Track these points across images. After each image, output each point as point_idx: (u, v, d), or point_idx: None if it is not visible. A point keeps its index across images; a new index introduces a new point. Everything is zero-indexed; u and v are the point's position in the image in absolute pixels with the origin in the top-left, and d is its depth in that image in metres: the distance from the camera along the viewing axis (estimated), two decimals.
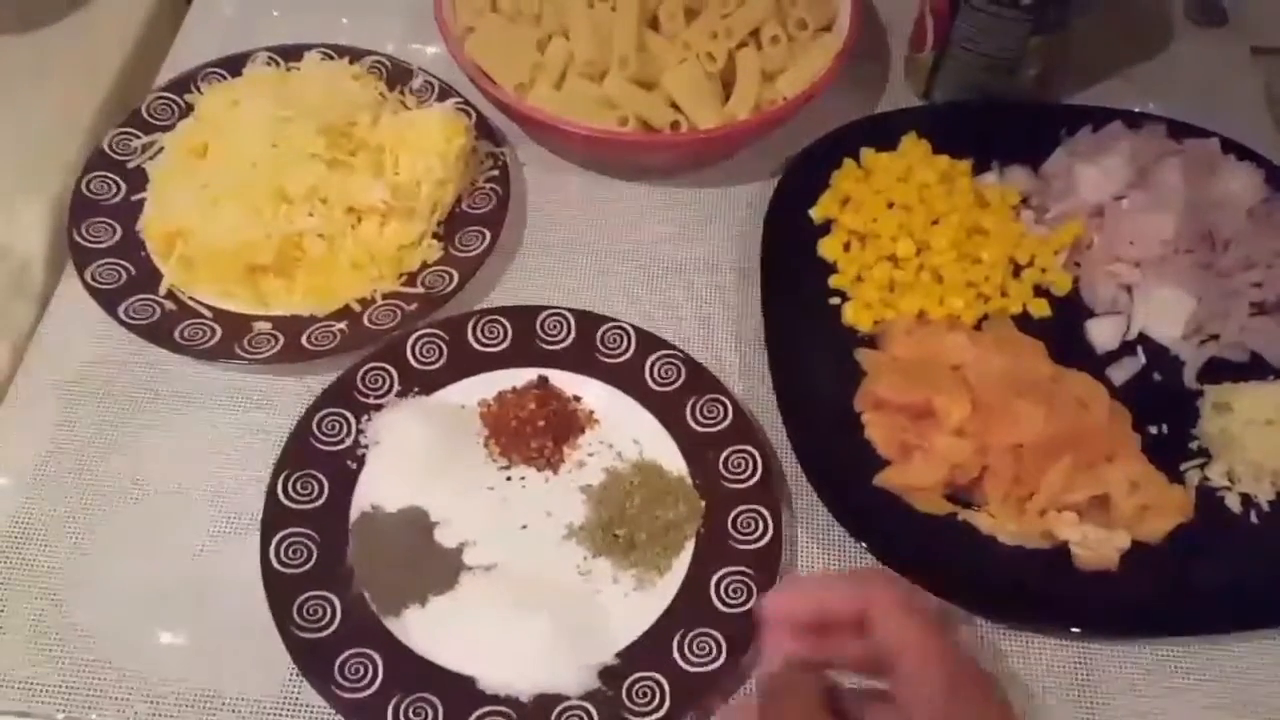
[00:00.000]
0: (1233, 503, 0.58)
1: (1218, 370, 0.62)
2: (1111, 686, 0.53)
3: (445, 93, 0.70)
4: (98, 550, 0.55)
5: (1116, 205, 0.66)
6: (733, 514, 0.55)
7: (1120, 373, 0.62)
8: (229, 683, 0.51)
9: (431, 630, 0.52)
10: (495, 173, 0.67)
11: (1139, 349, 0.63)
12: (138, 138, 0.67)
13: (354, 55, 0.71)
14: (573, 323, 0.61)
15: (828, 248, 0.66)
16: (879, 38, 0.79)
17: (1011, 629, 0.54)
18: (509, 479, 0.57)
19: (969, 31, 0.69)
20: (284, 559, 0.53)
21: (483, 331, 0.61)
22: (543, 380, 0.60)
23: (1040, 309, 0.64)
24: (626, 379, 0.60)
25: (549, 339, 0.61)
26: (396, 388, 0.59)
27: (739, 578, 0.53)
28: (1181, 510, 0.57)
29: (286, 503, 0.55)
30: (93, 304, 0.60)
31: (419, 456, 0.57)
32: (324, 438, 0.57)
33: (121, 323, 0.60)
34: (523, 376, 0.60)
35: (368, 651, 0.51)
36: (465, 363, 0.60)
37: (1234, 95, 0.76)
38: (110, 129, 0.67)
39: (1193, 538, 0.56)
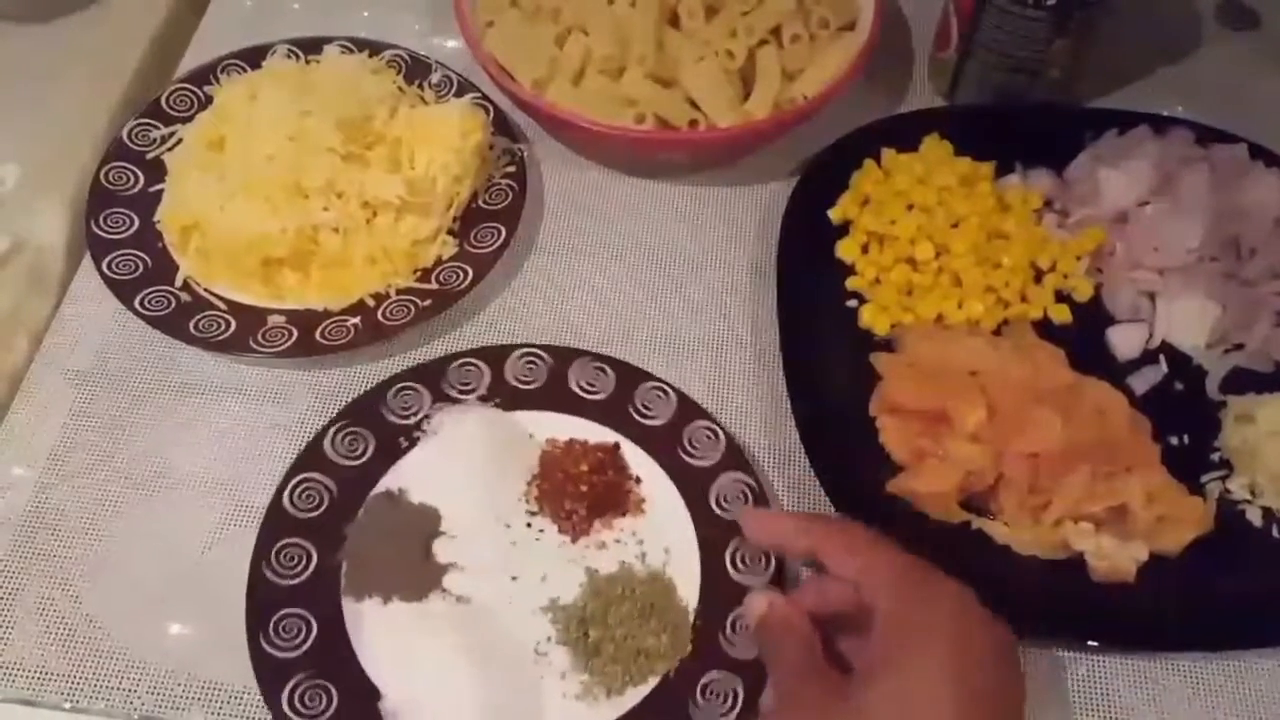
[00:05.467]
0: (1254, 516, 0.57)
1: (1241, 381, 0.61)
2: (1127, 701, 0.52)
3: (463, 88, 0.70)
4: (110, 540, 0.55)
5: (1141, 211, 0.65)
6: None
7: (1141, 382, 0.61)
8: (237, 675, 0.51)
9: (377, 628, 0.51)
10: (512, 169, 0.67)
11: (1161, 358, 0.62)
12: (157, 129, 0.67)
13: (373, 49, 0.71)
14: (674, 403, 0.58)
15: (846, 249, 0.65)
16: (902, 37, 0.78)
17: (1025, 641, 0.54)
18: (529, 525, 0.55)
19: (993, 32, 0.68)
20: (295, 501, 0.54)
21: (586, 376, 0.59)
22: (614, 447, 0.57)
23: (1061, 315, 0.63)
24: (695, 488, 0.55)
25: (644, 413, 0.57)
26: (482, 391, 0.58)
27: None
28: (1201, 523, 0.56)
29: (327, 450, 0.55)
30: (109, 295, 0.60)
31: (463, 465, 0.56)
32: (393, 407, 0.57)
33: (138, 314, 0.60)
34: (602, 435, 0.57)
35: (308, 618, 0.51)
36: (556, 397, 0.58)
37: (1263, 100, 0.75)
38: (130, 120, 0.68)
39: (1212, 551, 0.55)
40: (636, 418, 0.57)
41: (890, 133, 0.69)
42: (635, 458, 0.57)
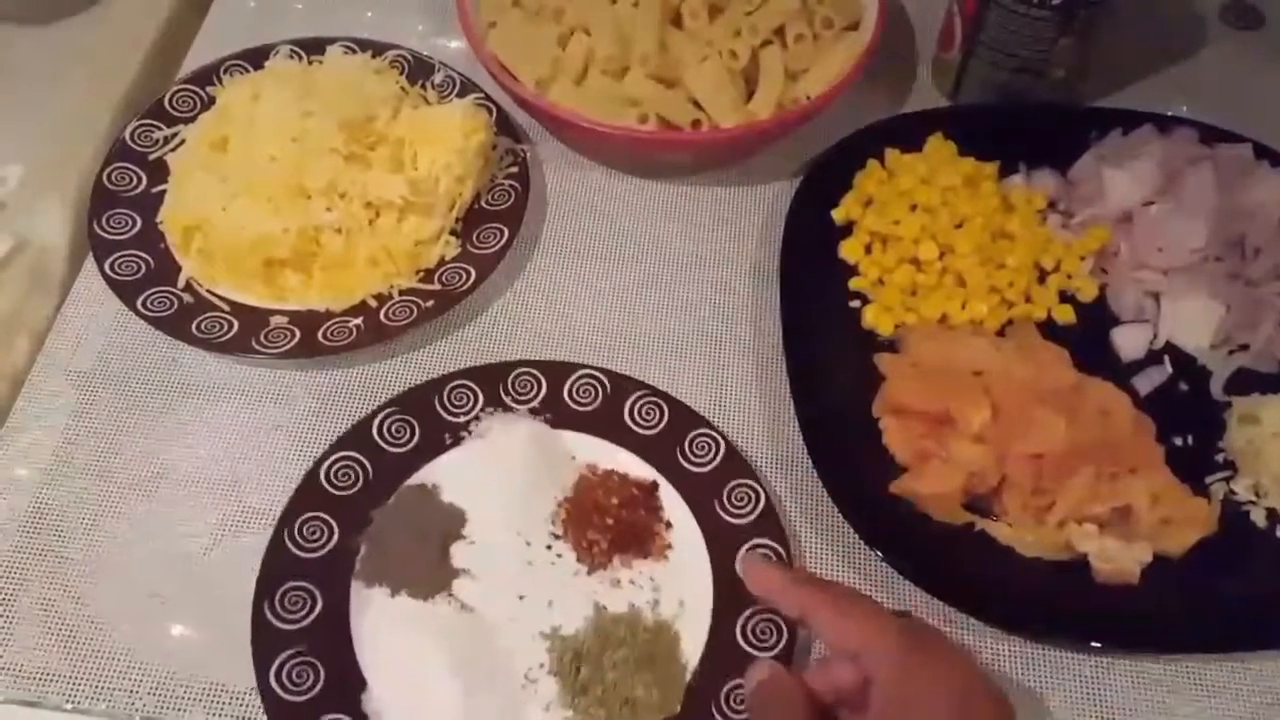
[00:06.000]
0: (1258, 517, 0.57)
1: (1246, 381, 0.61)
2: (1130, 703, 0.52)
3: (466, 88, 0.70)
4: (111, 541, 0.55)
5: (1145, 211, 0.65)
6: None
7: (1145, 382, 0.61)
8: (239, 676, 0.50)
9: (379, 619, 0.51)
10: (514, 169, 0.67)
11: (1165, 358, 0.62)
12: (159, 129, 0.67)
13: (376, 49, 0.71)
14: (721, 452, 0.56)
15: (849, 249, 0.65)
16: (905, 37, 0.78)
17: (1028, 642, 0.53)
18: (549, 547, 0.54)
19: (997, 32, 0.68)
20: (332, 476, 0.54)
21: (641, 410, 0.57)
22: (652, 486, 0.56)
23: (1065, 315, 0.63)
24: (724, 546, 0.53)
25: (691, 458, 0.56)
26: (535, 403, 0.58)
27: None
28: (1205, 524, 0.55)
29: (374, 433, 0.56)
30: (111, 296, 0.60)
31: (499, 474, 0.56)
32: (447, 403, 0.57)
33: (140, 315, 0.60)
34: (643, 471, 0.56)
35: (315, 595, 0.51)
36: (607, 424, 0.57)
37: (1268, 100, 0.74)
38: (132, 120, 0.68)
39: (1216, 552, 0.55)
40: (682, 461, 0.56)
41: (894, 133, 0.69)
42: (671, 501, 0.55)
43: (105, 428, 0.58)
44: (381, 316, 0.61)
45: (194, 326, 0.60)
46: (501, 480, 0.55)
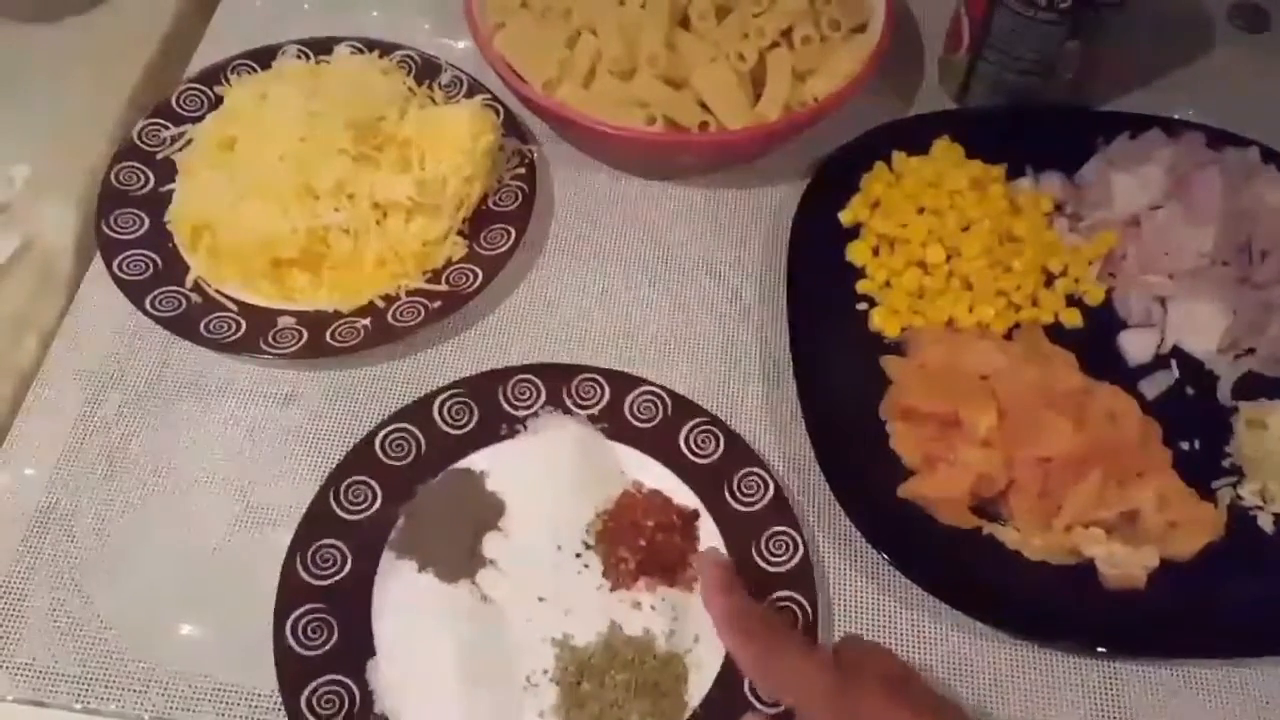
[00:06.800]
0: (1265, 522, 0.57)
1: (1253, 386, 0.61)
2: (1137, 707, 0.52)
3: (474, 88, 0.70)
4: (120, 541, 0.55)
5: (1152, 215, 0.65)
6: None
7: (1152, 386, 0.61)
8: (248, 676, 0.51)
9: (402, 592, 0.52)
10: (522, 170, 0.67)
11: (1172, 363, 0.62)
12: (167, 129, 0.67)
13: (384, 49, 0.71)
14: (770, 495, 0.55)
15: (856, 252, 0.65)
16: (913, 39, 0.78)
17: (1034, 646, 0.54)
18: (578, 555, 0.54)
19: (1005, 34, 0.68)
20: (385, 446, 0.55)
21: (698, 438, 0.56)
22: (692, 515, 0.55)
23: (1072, 319, 0.63)
24: (753, 590, 0.50)
25: (739, 496, 0.55)
26: (594, 411, 0.58)
27: None
28: (1212, 529, 0.56)
29: (434, 412, 0.57)
30: (119, 295, 0.60)
31: (545, 474, 0.56)
32: (510, 395, 0.58)
33: (148, 314, 0.60)
34: (686, 499, 0.55)
35: (347, 556, 0.52)
36: (662, 444, 0.56)
37: (1275, 103, 0.74)
38: (140, 120, 0.68)
39: (1223, 557, 0.55)
40: (728, 496, 0.55)
41: (901, 135, 0.69)
42: (709, 533, 0.54)
43: (113, 427, 0.58)
44: (389, 317, 0.61)
45: (202, 326, 0.60)
46: (546, 480, 0.56)
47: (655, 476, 0.56)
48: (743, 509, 0.55)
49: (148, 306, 0.60)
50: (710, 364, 0.62)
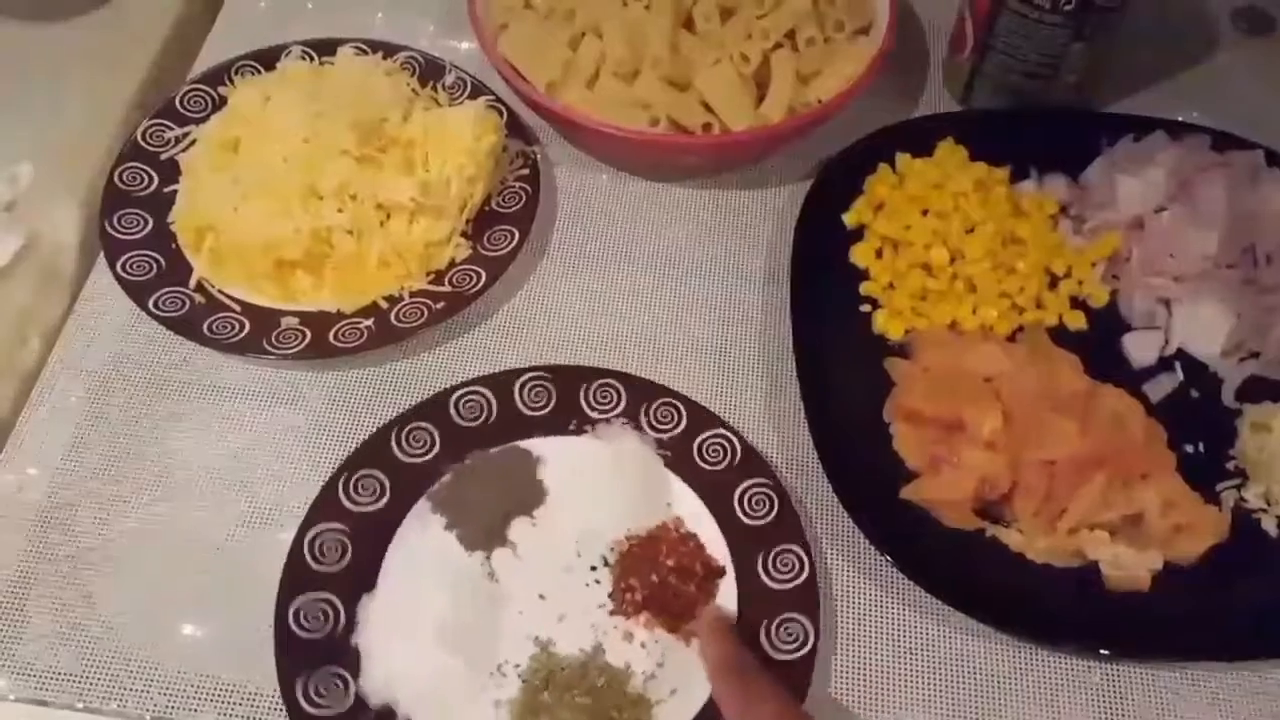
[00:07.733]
0: (1269, 525, 0.57)
1: (1257, 389, 0.61)
2: (1140, 710, 0.52)
3: (477, 90, 0.70)
4: (123, 541, 0.55)
5: (1157, 217, 0.65)
6: None
7: (1157, 389, 0.61)
8: (250, 676, 0.51)
9: (421, 544, 0.54)
10: (525, 171, 0.67)
11: (1177, 365, 0.62)
12: (171, 129, 0.67)
13: (387, 50, 0.71)
14: (804, 574, 0.52)
15: (860, 254, 0.65)
16: (917, 41, 0.78)
17: (1039, 649, 0.53)
18: (593, 568, 0.54)
19: (1009, 36, 0.68)
20: (460, 407, 0.57)
21: (752, 500, 0.55)
22: (719, 571, 0.53)
23: (1076, 322, 0.63)
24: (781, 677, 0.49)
25: (775, 574, 0.52)
26: (663, 437, 0.57)
27: None
28: (1216, 531, 0.55)
29: (515, 391, 0.58)
30: (123, 296, 0.60)
31: (597, 481, 0.56)
32: (591, 396, 0.58)
33: (151, 315, 0.60)
34: (719, 554, 0.54)
35: (387, 488, 0.54)
36: (716, 493, 0.55)
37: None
38: (144, 120, 0.68)
39: (1227, 560, 0.55)
40: (760, 569, 0.53)
41: (905, 137, 0.68)
42: (728, 594, 0.53)
43: (116, 427, 0.58)
44: (392, 318, 0.61)
45: (205, 327, 0.60)
46: (594, 487, 0.56)
47: (698, 522, 0.55)
48: (772, 585, 0.52)
49: (151, 307, 0.60)
50: (713, 365, 0.62)
